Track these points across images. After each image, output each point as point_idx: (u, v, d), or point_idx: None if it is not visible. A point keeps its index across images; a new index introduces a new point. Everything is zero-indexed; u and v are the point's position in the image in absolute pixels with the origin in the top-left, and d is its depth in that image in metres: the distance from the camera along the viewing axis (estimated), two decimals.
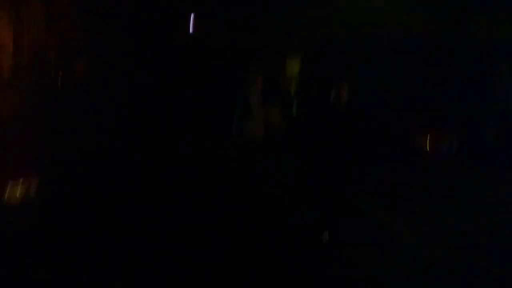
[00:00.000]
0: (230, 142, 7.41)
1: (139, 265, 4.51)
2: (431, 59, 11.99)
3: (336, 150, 5.61)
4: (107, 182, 6.92)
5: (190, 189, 7.03)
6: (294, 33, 13.78)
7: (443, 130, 11.09)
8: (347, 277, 4.68)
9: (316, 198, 5.73)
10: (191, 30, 15.49)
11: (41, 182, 4.68)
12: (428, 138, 10.94)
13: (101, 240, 4.99)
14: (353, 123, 5.68)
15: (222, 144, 8.63)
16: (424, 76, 12.11)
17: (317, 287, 4.51)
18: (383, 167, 8.64)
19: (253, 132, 7.11)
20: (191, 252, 4.90)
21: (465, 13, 11.51)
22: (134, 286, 4.23)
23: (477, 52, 11.43)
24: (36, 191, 4.58)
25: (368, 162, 7.03)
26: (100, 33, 16.00)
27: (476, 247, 5.52)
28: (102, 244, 4.92)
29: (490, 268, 5.01)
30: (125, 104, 13.96)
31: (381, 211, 6.61)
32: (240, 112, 7.12)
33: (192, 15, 15.51)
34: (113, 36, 15.75)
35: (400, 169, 9.14)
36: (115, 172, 7.54)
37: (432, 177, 8.88)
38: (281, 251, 5.10)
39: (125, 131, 11.61)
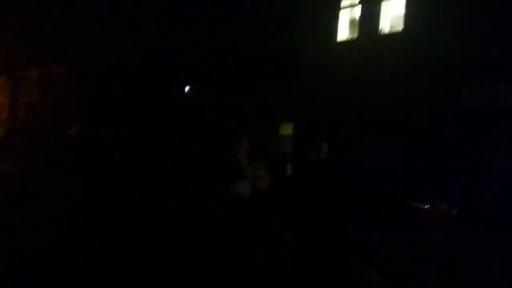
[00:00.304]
0: (218, 202, 7.24)
1: None
2: (430, 127, 11.92)
3: (325, 210, 5.36)
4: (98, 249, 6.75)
5: (179, 252, 6.83)
6: (284, 99, 13.94)
7: (443, 198, 10.81)
8: None
9: (304, 259, 5.44)
10: (183, 96, 15.75)
11: None
12: (428, 206, 10.65)
13: None
14: (343, 186, 5.47)
15: (210, 204, 8.49)
16: (422, 144, 12.00)
17: None
18: (376, 232, 8.37)
19: (240, 192, 6.94)
20: None
21: (463, 84, 11.58)
22: None
23: (475, 120, 11.39)
24: None
25: (359, 225, 6.79)
26: (94, 99, 16.32)
27: None
28: None
29: None
30: (117, 166, 13.97)
31: (371, 277, 6.26)
32: (227, 171, 7.02)
33: (186, 81, 15.81)
34: (105, 101, 16.06)
35: (397, 237, 8.84)
36: (104, 238, 7.40)
37: (432, 244, 8.55)
38: None
39: (115, 193, 11.51)
